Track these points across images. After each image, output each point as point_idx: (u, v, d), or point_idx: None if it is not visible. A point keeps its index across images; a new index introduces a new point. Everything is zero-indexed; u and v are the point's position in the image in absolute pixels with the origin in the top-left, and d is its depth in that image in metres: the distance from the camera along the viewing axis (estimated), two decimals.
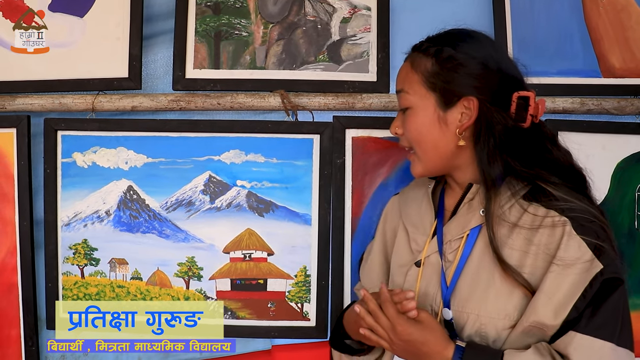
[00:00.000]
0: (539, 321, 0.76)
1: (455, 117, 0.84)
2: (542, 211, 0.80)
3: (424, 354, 0.80)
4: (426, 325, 0.81)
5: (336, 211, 1.23)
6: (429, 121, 0.85)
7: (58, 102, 1.24)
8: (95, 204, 1.27)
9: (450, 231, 0.87)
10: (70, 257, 1.27)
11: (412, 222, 0.95)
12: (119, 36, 1.24)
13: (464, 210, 0.87)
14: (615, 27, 1.24)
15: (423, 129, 0.85)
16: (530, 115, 0.82)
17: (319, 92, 1.23)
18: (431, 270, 0.88)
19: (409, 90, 0.86)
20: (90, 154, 1.26)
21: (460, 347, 0.78)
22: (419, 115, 0.85)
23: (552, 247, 0.77)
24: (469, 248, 0.84)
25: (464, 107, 0.83)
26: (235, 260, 1.26)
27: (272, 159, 1.25)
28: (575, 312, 0.75)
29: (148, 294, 1.27)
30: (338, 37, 1.25)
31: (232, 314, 1.27)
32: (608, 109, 1.21)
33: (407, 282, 0.91)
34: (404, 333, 0.81)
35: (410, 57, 0.89)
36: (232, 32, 1.26)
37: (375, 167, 1.24)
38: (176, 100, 1.23)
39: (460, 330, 0.82)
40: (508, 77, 0.84)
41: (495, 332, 0.79)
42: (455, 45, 0.83)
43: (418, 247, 0.92)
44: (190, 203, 1.26)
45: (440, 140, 0.85)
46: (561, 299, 0.75)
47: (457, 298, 0.83)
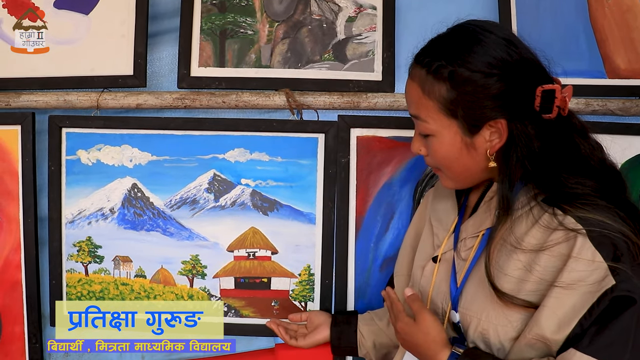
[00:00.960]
0: (542, 334, 0.72)
1: (484, 139, 0.77)
2: (559, 217, 0.74)
3: (419, 355, 0.82)
4: (423, 327, 0.80)
5: (340, 210, 1.24)
6: (456, 149, 0.78)
7: (63, 99, 1.24)
8: (99, 201, 1.27)
9: (466, 229, 0.86)
10: (74, 254, 1.27)
11: (437, 216, 0.94)
12: (124, 34, 1.24)
13: (482, 209, 0.84)
14: (620, 28, 1.24)
15: (450, 155, 0.79)
16: (557, 107, 0.75)
17: (324, 91, 1.23)
18: (445, 267, 0.87)
19: (426, 119, 0.79)
20: (94, 152, 1.26)
21: (455, 353, 0.77)
22: (444, 143, 0.79)
23: (563, 258, 0.73)
24: (481, 250, 0.82)
25: (492, 129, 0.76)
26: (239, 259, 1.26)
27: (277, 158, 1.25)
28: (580, 328, 0.70)
29: (152, 291, 1.27)
30: (343, 36, 1.25)
31: (235, 312, 1.27)
32: (613, 110, 1.21)
33: (423, 277, 0.90)
34: (402, 331, 0.84)
35: (418, 77, 0.79)
36: (238, 31, 1.25)
37: (380, 166, 1.24)
38: (181, 98, 1.23)
39: (465, 333, 0.81)
40: (530, 74, 0.76)
41: (497, 338, 0.77)
42: (468, 62, 0.74)
43: (439, 242, 0.91)
44: (194, 201, 1.26)
45: (469, 163, 0.80)
46: (566, 314, 0.71)
47: (463, 299, 0.82)
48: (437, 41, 0.80)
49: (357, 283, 1.25)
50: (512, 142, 0.76)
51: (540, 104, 0.75)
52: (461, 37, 0.77)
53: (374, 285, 1.25)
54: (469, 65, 0.74)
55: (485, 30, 0.76)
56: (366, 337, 1.11)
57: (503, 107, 0.75)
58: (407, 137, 1.23)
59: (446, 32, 0.80)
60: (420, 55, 0.80)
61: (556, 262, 0.73)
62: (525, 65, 0.76)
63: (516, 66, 0.75)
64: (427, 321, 0.81)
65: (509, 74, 0.74)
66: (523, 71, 0.75)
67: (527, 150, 0.75)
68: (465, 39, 0.77)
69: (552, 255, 0.73)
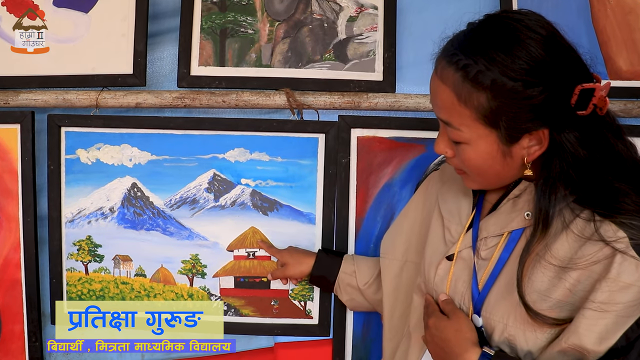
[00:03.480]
0: (580, 345, 0.68)
1: (522, 147, 0.72)
2: (594, 224, 0.69)
3: (446, 354, 0.78)
4: (455, 323, 0.78)
5: (340, 211, 1.23)
6: (491, 157, 0.73)
7: (62, 98, 1.23)
8: (99, 200, 1.27)
9: (487, 227, 0.80)
10: (74, 253, 1.27)
11: (448, 208, 0.88)
12: (124, 32, 1.23)
13: (506, 207, 0.79)
14: (622, 29, 1.24)
15: (483, 163, 0.74)
16: (593, 105, 0.69)
17: (325, 91, 1.23)
18: (462, 266, 0.82)
19: (460, 127, 0.72)
20: (94, 151, 1.26)
21: (487, 354, 0.74)
22: (479, 152, 0.73)
23: (603, 265, 0.68)
24: (508, 252, 0.77)
25: (531, 136, 0.71)
26: (239, 259, 1.26)
27: (277, 158, 1.25)
28: (625, 340, 0.67)
29: (152, 290, 1.27)
30: (344, 35, 1.24)
31: (235, 311, 1.27)
32: (614, 112, 1.20)
33: (437, 276, 0.85)
34: (433, 326, 0.81)
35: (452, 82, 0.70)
36: (238, 30, 1.25)
37: (380, 167, 1.24)
38: (181, 97, 1.23)
39: (489, 338, 0.78)
40: (572, 75, 0.70)
41: (525, 344, 0.73)
42: (510, 69, 0.67)
43: (452, 238, 0.85)
44: (194, 201, 1.26)
45: (503, 171, 0.74)
46: (609, 324, 0.67)
47: (486, 303, 0.78)
48: (472, 38, 0.71)
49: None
50: (555, 150, 0.71)
51: (576, 101, 0.69)
52: (499, 36, 0.69)
53: None
54: (511, 72, 0.67)
55: (524, 27, 0.69)
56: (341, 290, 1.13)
57: (546, 115, 0.69)
58: (408, 137, 1.23)
59: (480, 26, 0.71)
60: (452, 54, 0.71)
61: (592, 275, 0.69)
62: (568, 66, 0.70)
63: (559, 68, 0.69)
64: (461, 318, 0.78)
65: (551, 79, 0.68)
66: (566, 73, 0.69)
67: (573, 158, 0.70)
68: (504, 37, 0.69)
69: (589, 265, 0.69)
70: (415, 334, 0.93)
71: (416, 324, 0.92)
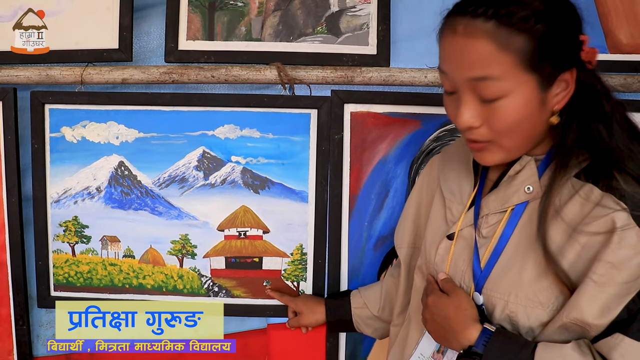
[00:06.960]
0: (581, 319, 0.67)
1: (554, 94, 0.71)
2: (597, 193, 0.69)
3: (446, 331, 0.77)
4: (455, 300, 0.77)
5: (334, 188, 1.20)
6: (530, 108, 0.70)
7: (45, 74, 1.19)
8: (85, 180, 1.23)
9: (488, 204, 0.79)
10: (60, 234, 1.24)
11: (449, 187, 0.87)
12: (109, 5, 1.19)
13: (507, 183, 0.78)
14: (623, 1, 1.20)
15: (523, 116, 0.70)
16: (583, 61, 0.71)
17: (317, 65, 1.19)
18: (463, 245, 0.81)
19: (502, 77, 0.68)
20: (79, 129, 1.22)
21: (488, 330, 0.73)
22: (519, 103, 0.69)
23: (604, 237, 0.67)
24: (511, 229, 0.76)
25: (563, 81, 0.70)
26: (229, 238, 1.23)
27: (268, 134, 1.21)
28: (626, 313, 0.66)
29: (141, 272, 1.24)
30: (337, 8, 1.20)
31: (226, 292, 1.25)
32: (614, 86, 1.18)
33: (438, 256, 0.85)
34: (432, 304, 0.80)
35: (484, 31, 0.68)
36: (227, 2, 1.21)
37: (375, 143, 1.20)
38: (168, 72, 1.19)
39: (490, 316, 0.77)
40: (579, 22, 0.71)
41: (526, 320, 0.73)
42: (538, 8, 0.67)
43: (453, 217, 0.84)
44: (183, 179, 1.22)
45: (537, 124, 0.72)
46: (610, 297, 0.66)
47: (488, 280, 0.76)
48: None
49: (350, 263, 1.23)
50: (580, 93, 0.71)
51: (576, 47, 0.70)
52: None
53: (368, 264, 1.23)
54: (542, 10, 0.67)
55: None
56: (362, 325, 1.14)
57: (575, 55, 0.70)
58: (403, 112, 1.20)
59: None
60: (476, 7, 0.68)
61: (594, 246, 0.68)
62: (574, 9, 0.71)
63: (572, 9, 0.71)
64: (461, 295, 0.78)
65: (575, 21, 0.70)
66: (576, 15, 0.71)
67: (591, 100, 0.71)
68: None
69: (591, 235, 0.68)
70: (415, 317, 0.92)
71: (417, 307, 0.91)
